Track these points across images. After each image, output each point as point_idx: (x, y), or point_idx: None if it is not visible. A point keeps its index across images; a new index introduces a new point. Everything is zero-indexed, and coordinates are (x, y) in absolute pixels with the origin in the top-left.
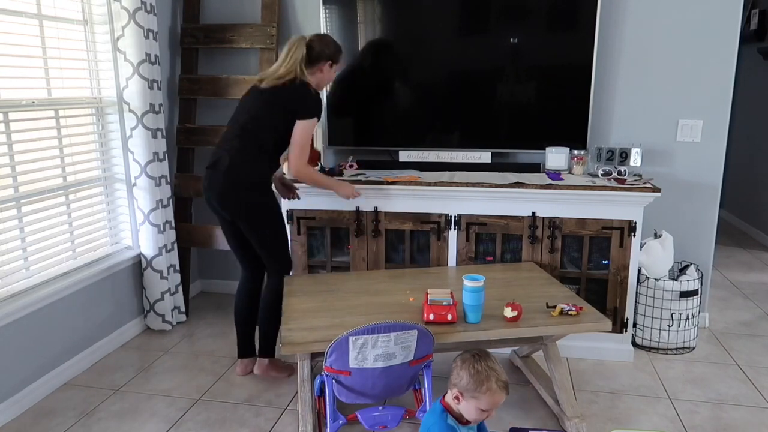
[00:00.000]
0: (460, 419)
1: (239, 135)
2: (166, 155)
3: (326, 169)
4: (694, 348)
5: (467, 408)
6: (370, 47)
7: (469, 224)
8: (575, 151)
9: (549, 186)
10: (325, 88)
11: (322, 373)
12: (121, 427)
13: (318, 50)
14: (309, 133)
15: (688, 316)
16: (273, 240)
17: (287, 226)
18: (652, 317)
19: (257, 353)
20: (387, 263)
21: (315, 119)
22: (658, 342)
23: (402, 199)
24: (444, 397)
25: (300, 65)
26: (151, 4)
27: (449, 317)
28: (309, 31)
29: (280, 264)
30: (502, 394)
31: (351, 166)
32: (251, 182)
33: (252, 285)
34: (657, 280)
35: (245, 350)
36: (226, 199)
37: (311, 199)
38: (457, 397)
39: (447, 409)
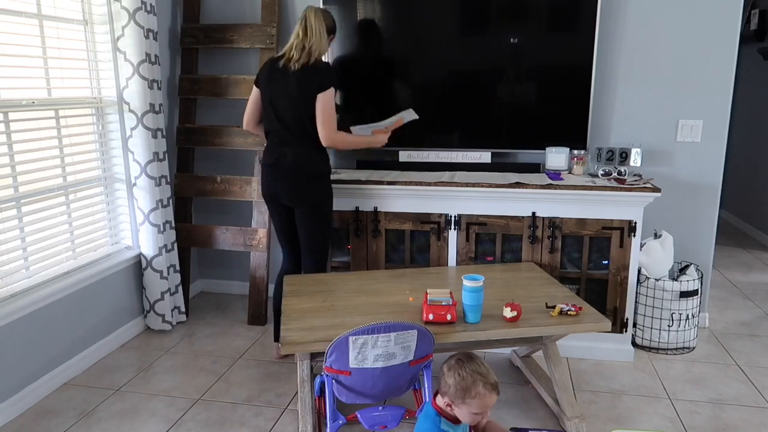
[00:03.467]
0: (456, 420)
1: (293, 133)
2: (166, 155)
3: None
4: (694, 348)
5: (461, 413)
6: (366, 36)
7: (469, 224)
8: (575, 151)
9: (549, 186)
10: None
11: (322, 373)
12: (121, 427)
13: (328, 23)
14: (332, 103)
15: (688, 316)
16: (322, 227)
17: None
18: (652, 317)
19: None
20: (387, 263)
21: (333, 89)
22: (658, 342)
23: (402, 199)
24: (434, 398)
25: (320, 40)
26: (151, 4)
27: (449, 317)
28: None
29: (322, 254)
30: (493, 396)
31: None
32: (322, 175)
33: (296, 272)
34: (657, 280)
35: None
36: (295, 190)
37: None
38: (449, 405)
39: (440, 413)
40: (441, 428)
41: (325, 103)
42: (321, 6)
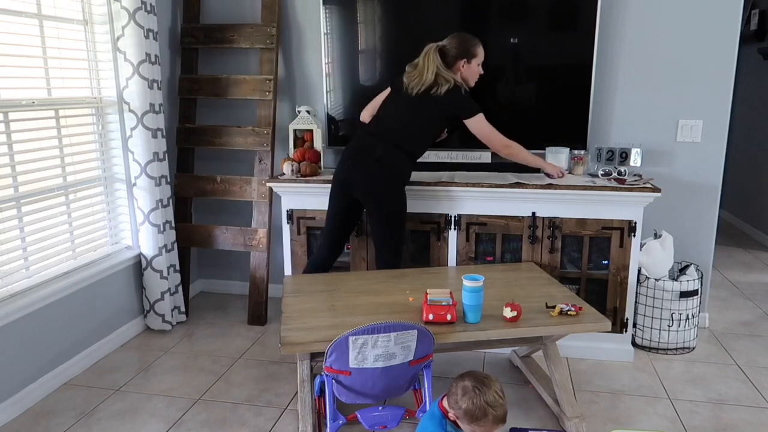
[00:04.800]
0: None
1: (391, 134)
2: (166, 155)
3: None
4: (694, 348)
5: (464, 427)
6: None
7: (469, 224)
8: (575, 151)
9: (549, 186)
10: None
11: (322, 373)
12: (121, 427)
13: (450, 53)
14: (484, 124)
15: (688, 316)
16: (397, 238)
17: (288, 227)
18: (652, 317)
19: None
20: None
21: (480, 114)
22: (658, 342)
23: None
24: (442, 400)
25: (445, 71)
26: (151, 4)
27: (448, 317)
28: (308, 30)
29: (394, 257)
30: (498, 426)
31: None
32: (402, 180)
33: (326, 265)
34: (657, 280)
35: None
36: (374, 189)
37: (311, 199)
38: (456, 419)
39: (446, 414)
40: (447, 430)
41: (480, 125)
42: (322, 7)
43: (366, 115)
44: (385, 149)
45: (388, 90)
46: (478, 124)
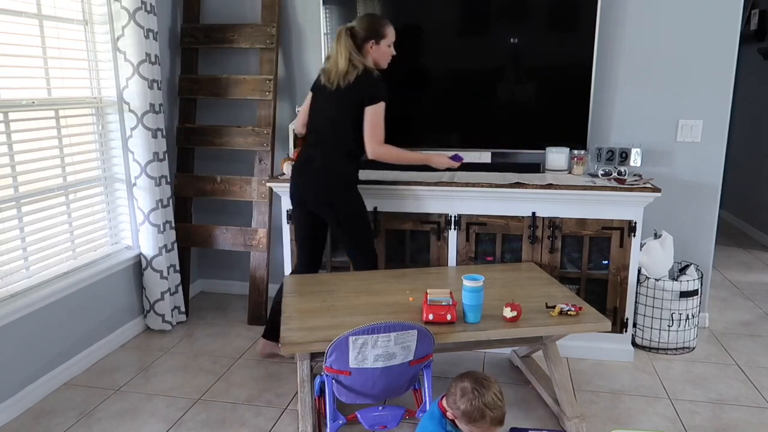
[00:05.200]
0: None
1: (324, 139)
2: (166, 155)
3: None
4: (694, 348)
5: (462, 427)
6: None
7: (469, 224)
8: (575, 151)
9: (549, 186)
10: None
11: (322, 373)
12: (121, 427)
13: (359, 34)
14: (379, 117)
15: (688, 316)
16: (360, 238)
17: (288, 227)
18: (652, 317)
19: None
20: (387, 263)
21: (383, 104)
22: (658, 342)
23: (402, 199)
24: (441, 399)
25: (356, 56)
26: (151, 4)
27: (448, 317)
28: (309, 31)
29: (367, 257)
30: (496, 428)
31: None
32: (347, 182)
33: (305, 270)
34: (657, 280)
35: (273, 332)
36: (321, 199)
37: None
38: (454, 419)
39: (445, 414)
40: (447, 429)
41: (374, 116)
42: (322, 7)
43: (299, 126)
44: (323, 156)
45: (311, 95)
46: (374, 113)
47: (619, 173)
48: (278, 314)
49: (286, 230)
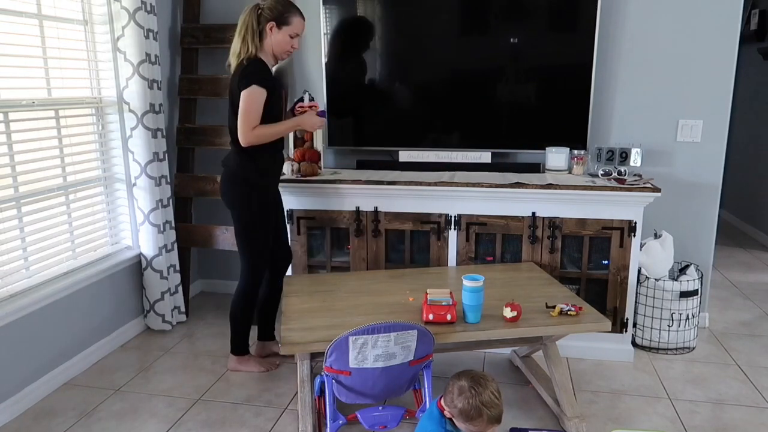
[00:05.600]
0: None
1: (231, 132)
2: (166, 155)
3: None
4: (694, 348)
5: (459, 425)
6: (365, 36)
7: (469, 224)
8: (575, 151)
9: (549, 186)
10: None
11: (322, 373)
12: (121, 427)
13: (264, 13)
14: (250, 103)
15: (688, 316)
16: (242, 246)
17: (288, 227)
18: (652, 317)
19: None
20: (387, 263)
21: (254, 86)
22: (658, 342)
23: (402, 199)
24: (440, 399)
25: (252, 37)
26: (151, 4)
27: (448, 317)
28: (308, 31)
29: (244, 261)
30: (494, 427)
31: (311, 107)
32: (241, 181)
33: (270, 275)
34: (657, 280)
35: (260, 334)
36: (222, 195)
37: (311, 199)
38: (451, 417)
39: (444, 413)
40: (447, 429)
41: (245, 101)
42: (322, 7)
43: None
44: (229, 152)
45: None
46: (244, 98)
47: (619, 173)
48: (266, 314)
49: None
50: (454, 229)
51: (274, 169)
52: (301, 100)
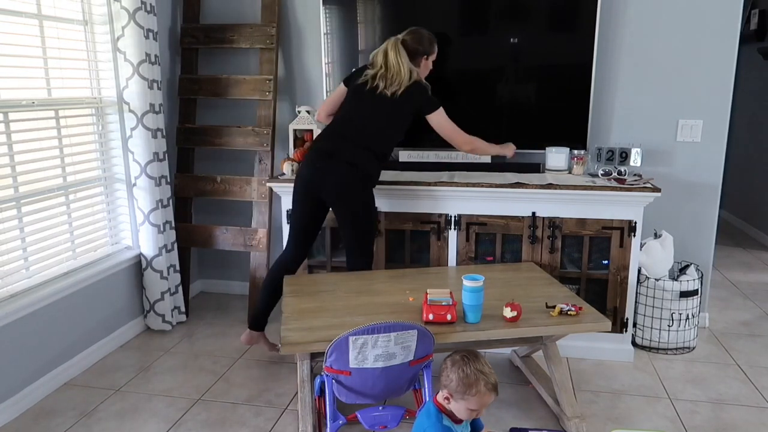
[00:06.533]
0: (453, 416)
1: (361, 135)
2: (166, 155)
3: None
4: (694, 348)
5: (457, 408)
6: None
7: (469, 224)
8: (575, 151)
9: (549, 186)
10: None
11: (322, 373)
12: (121, 427)
13: (412, 48)
14: (444, 119)
15: (688, 316)
16: (365, 238)
17: (287, 226)
18: (652, 317)
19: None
20: (387, 263)
21: (441, 109)
22: (658, 342)
23: (402, 199)
24: (436, 396)
25: (411, 66)
26: (151, 4)
27: (449, 317)
28: (308, 31)
29: (366, 257)
30: (491, 396)
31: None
32: (373, 182)
33: (291, 264)
34: (657, 280)
35: (258, 323)
36: (341, 192)
37: None
38: (447, 398)
39: (441, 409)
40: (444, 424)
41: (442, 120)
42: (322, 7)
43: (323, 115)
44: (357, 151)
45: (344, 88)
46: (438, 119)
47: (619, 173)
48: (265, 304)
49: (286, 230)
50: (454, 229)
51: None
52: None
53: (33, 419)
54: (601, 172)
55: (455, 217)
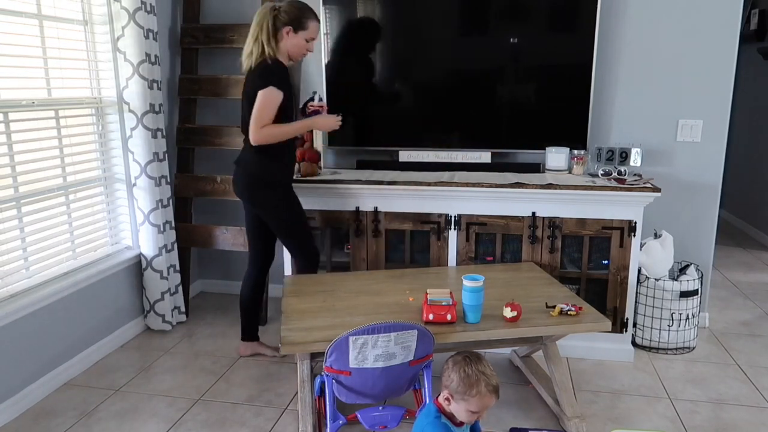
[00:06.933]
0: (452, 419)
1: (244, 131)
2: (166, 155)
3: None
4: (694, 348)
5: (457, 409)
6: (365, 36)
7: (469, 224)
8: (575, 151)
9: (549, 186)
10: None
11: (322, 373)
12: (121, 427)
13: (280, 17)
14: (266, 103)
15: (688, 316)
16: (292, 236)
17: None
18: (652, 317)
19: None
20: (387, 263)
21: (272, 88)
22: (658, 342)
23: (402, 199)
24: (437, 397)
25: (268, 39)
26: (151, 4)
27: (449, 317)
28: None
29: (303, 252)
30: (492, 398)
31: (320, 107)
32: (263, 179)
33: (255, 277)
34: (657, 280)
35: (249, 333)
36: (241, 196)
37: (311, 199)
38: (447, 399)
39: (441, 410)
40: (443, 422)
41: (261, 101)
42: (322, 7)
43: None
44: (242, 153)
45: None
46: (261, 97)
47: (619, 173)
48: (250, 313)
49: None
50: (454, 229)
51: (291, 167)
52: (311, 99)
53: (33, 419)
54: (601, 172)
55: (455, 217)
